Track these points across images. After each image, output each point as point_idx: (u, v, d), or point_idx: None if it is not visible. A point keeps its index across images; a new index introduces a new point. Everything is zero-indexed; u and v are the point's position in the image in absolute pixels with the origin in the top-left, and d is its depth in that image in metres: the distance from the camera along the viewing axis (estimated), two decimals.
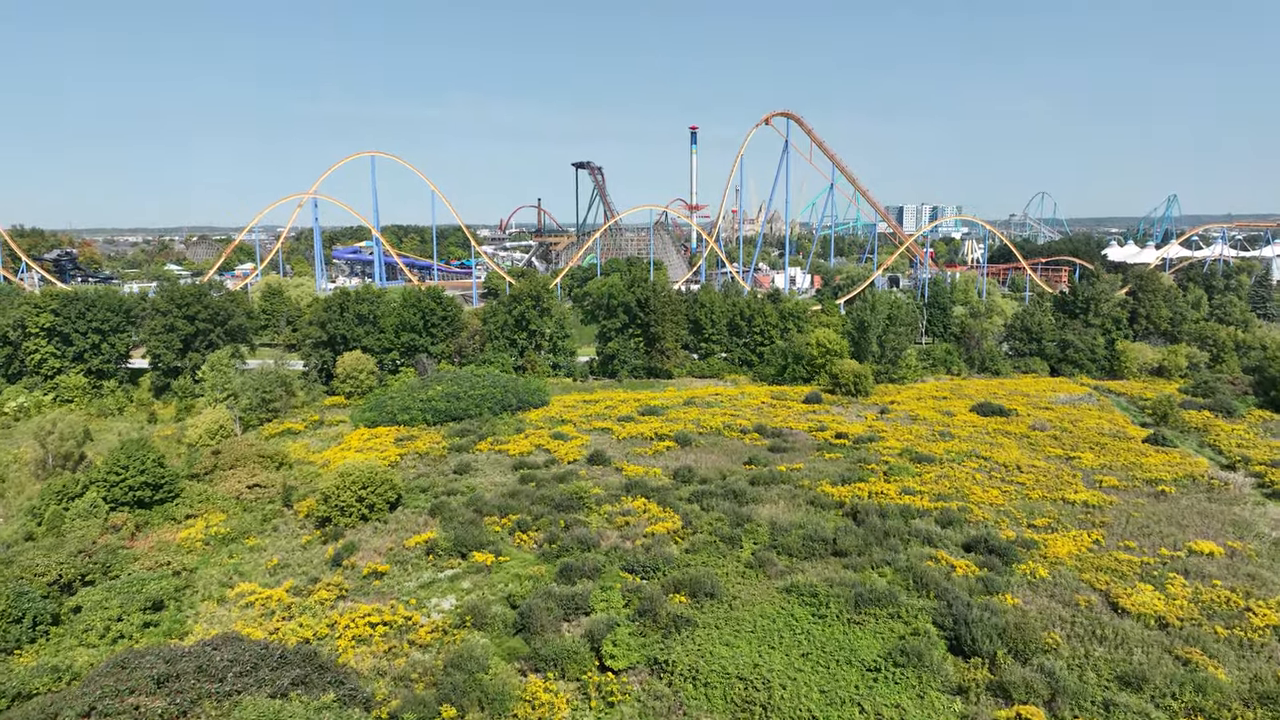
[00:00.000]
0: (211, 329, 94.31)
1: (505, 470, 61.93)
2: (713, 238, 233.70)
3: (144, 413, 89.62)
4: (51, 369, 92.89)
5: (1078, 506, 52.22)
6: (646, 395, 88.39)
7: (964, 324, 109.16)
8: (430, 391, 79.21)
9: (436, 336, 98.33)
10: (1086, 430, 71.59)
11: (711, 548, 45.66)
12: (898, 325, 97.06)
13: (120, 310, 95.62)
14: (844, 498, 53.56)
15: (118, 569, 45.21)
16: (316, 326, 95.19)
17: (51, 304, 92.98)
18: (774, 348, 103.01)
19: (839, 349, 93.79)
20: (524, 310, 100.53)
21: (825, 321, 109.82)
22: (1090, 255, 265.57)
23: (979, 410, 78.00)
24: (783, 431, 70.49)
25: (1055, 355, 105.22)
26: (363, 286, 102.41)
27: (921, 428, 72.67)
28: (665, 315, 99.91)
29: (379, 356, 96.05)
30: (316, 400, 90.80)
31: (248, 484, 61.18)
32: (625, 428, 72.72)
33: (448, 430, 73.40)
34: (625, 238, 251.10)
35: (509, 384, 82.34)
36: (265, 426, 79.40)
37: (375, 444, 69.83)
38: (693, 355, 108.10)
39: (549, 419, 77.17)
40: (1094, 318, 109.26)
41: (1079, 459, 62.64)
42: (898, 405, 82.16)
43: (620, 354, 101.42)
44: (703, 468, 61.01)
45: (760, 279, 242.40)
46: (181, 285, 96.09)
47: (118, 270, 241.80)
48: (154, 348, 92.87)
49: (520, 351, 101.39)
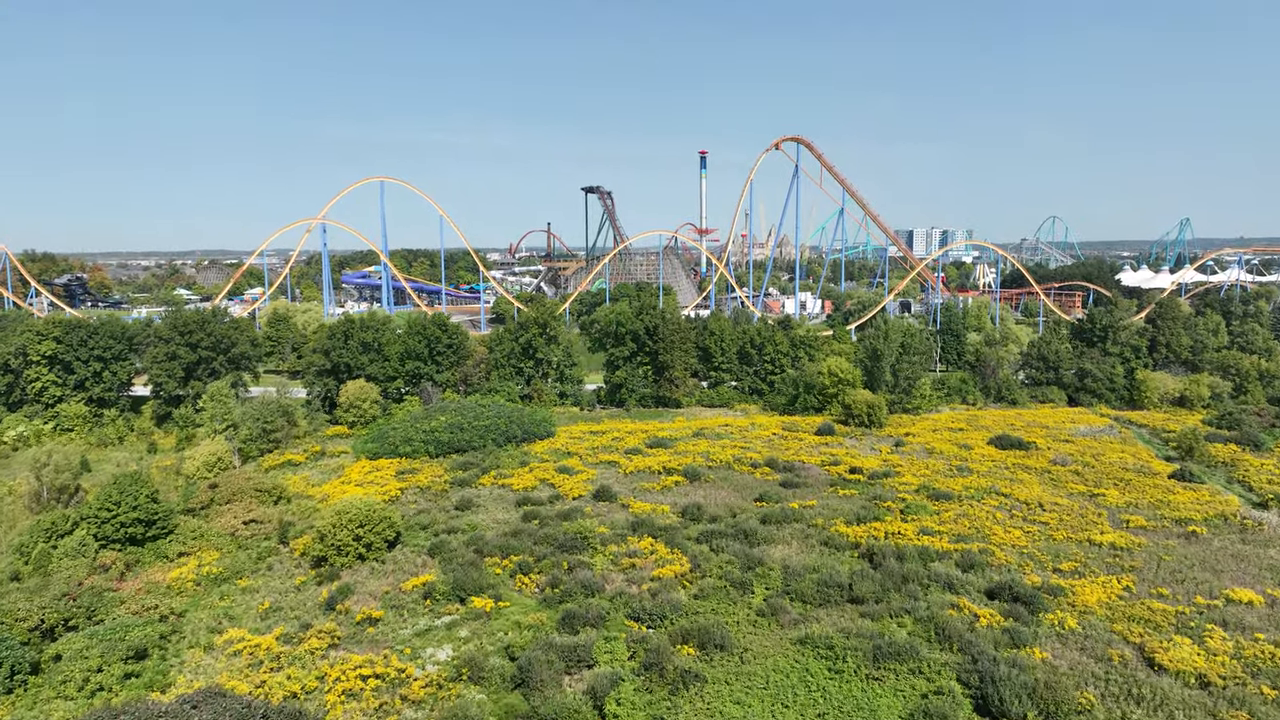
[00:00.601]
0: (214, 357, 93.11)
1: (508, 506, 60.04)
2: (722, 262, 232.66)
3: (144, 442, 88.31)
4: (52, 397, 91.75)
5: (1105, 549, 49.90)
6: (655, 426, 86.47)
7: (979, 352, 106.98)
8: (434, 422, 77.55)
9: (442, 364, 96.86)
10: (1109, 465, 69.21)
11: (721, 593, 43.58)
12: (911, 354, 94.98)
13: (123, 338, 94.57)
14: (859, 538, 51.43)
15: (102, 613, 43.45)
16: (320, 354, 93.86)
17: (54, 331, 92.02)
18: (785, 376, 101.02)
19: (851, 378, 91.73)
20: (531, 338, 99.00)
21: (837, 349, 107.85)
22: (1104, 280, 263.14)
23: (997, 443, 75.73)
24: (795, 466, 68.42)
25: (1073, 384, 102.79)
26: (368, 313, 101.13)
27: (938, 462, 70.47)
28: (674, 343, 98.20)
29: (383, 385, 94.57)
30: (319, 430, 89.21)
31: (244, 519, 59.51)
32: (632, 461, 70.79)
33: (450, 463, 71.64)
34: (635, 262, 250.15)
35: (514, 415, 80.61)
36: (265, 458, 77.83)
37: (376, 477, 68.11)
38: (702, 384, 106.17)
39: (554, 451, 75.33)
40: (1112, 346, 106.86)
41: (1103, 496, 60.30)
42: (913, 437, 79.97)
43: (628, 383, 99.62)
44: (712, 504, 58.99)
45: (770, 304, 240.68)
46: (185, 312, 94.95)
47: (127, 295, 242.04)
48: (156, 376, 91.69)
49: (527, 380, 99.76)
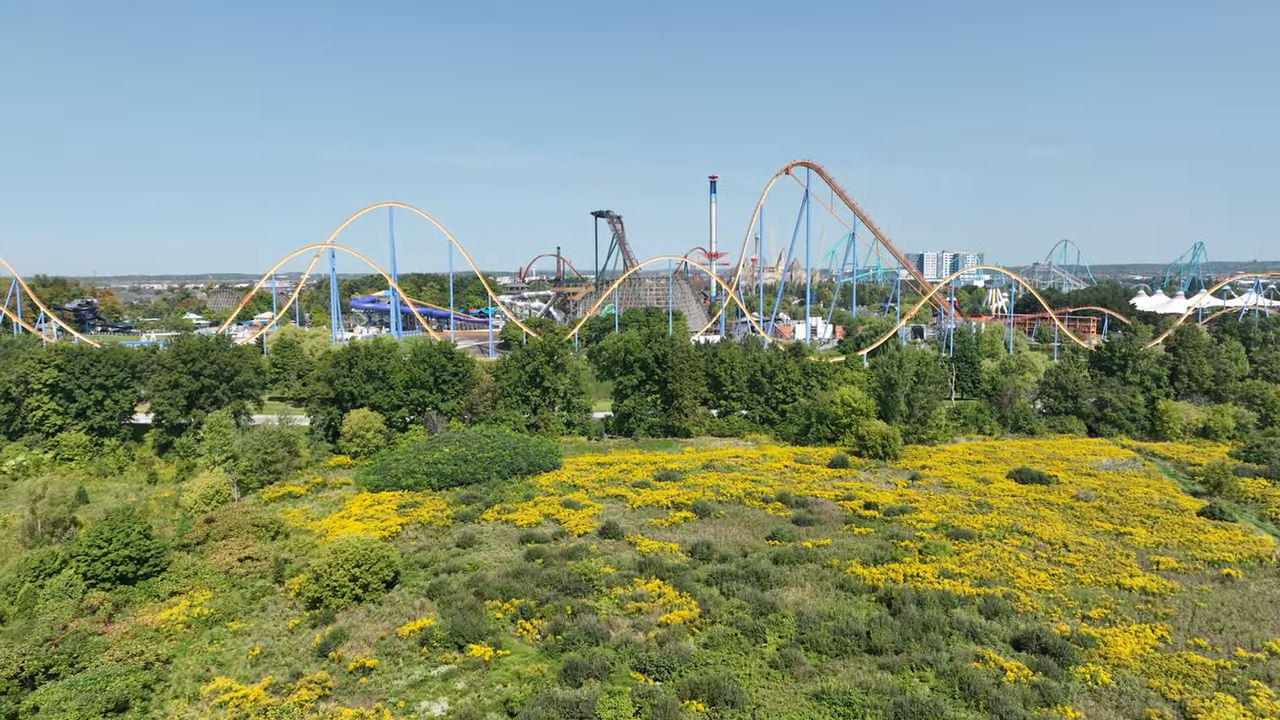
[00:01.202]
0: (217, 385, 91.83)
1: (511, 543, 58.07)
2: (732, 287, 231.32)
3: (144, 472, 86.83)
4: (53, 426, 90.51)
5: (1135, 594, 47.48)
6: (663, 457, 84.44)
7: (995, 381, 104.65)
8: (437, 454, 75.80)
9: (447, 393, 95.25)
10: (1135, 501, 66.70)
11: (732, 642, 41.42)
12: (926, 383, 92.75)
13: (125, 365, 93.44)
14: (877, 580, 49.18)
15: (85, 660, 41.64)
16: (324, 383, 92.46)
17: (56, 359, 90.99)
18: (797, 406, 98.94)
19: (865, 408, 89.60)
20: (538, 366, 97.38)
21: (850, 378, 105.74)
22: (1118, 305, 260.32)
23: (1017, 477, 73.35)
24: (808, 501, 66.22)
25: (1092, 414, 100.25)
26: (373, 341, 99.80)
27: (956, 497, 68.13)
28: (683, 372, 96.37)
29: (387, 414, 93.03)
30: (321, 460, 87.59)
31: (239, 556, 57.76)
32: (640, 495, 68.77)
33: (453, 496, 69.78)
34: (644, 286, 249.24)
35: (519, 446, 78.79)
36: (265, 489, 76.16)
37: (377, 511, 66.29)
38: (711, 412, 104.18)
39: (560, 484, 73.38)
40: (1132, 375, 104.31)
41: (1131, 535, 57.82)
42: (929, 471, 77.64)
43: (637, 411, 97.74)
44: (722, 543, 56.88)
45: (781, 329, 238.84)
46: (188, 339, 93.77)
47: (137, 319, 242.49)
48: (157, 404, 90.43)
49: (534, 409, 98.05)
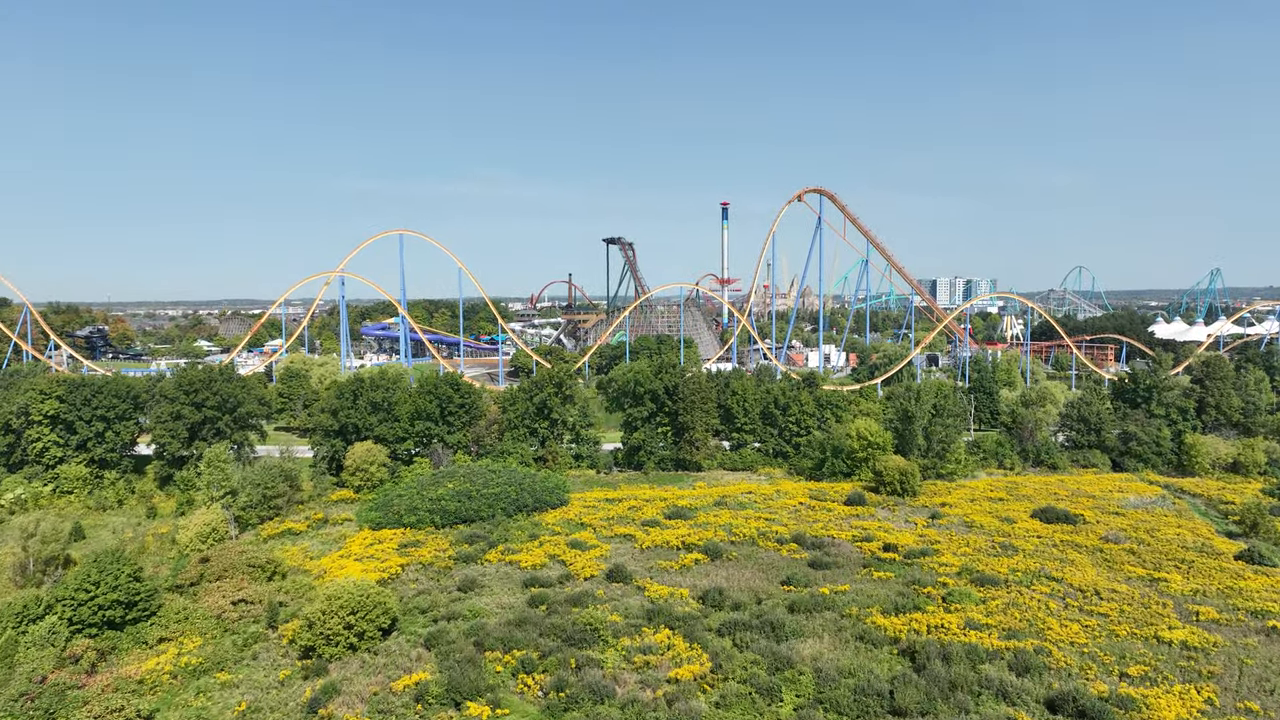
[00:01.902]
0: (219, 416, 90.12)
1: (514, 588, 55.72)
2: (744, 314, 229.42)
3: (144, 506, 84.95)
4: (53, 458, 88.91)
5: (1175, 648, 44.64)
6: (674, 493, 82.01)
7: (1015, 413, 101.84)
8: (440, 490, 73.69)
9: (453, 425, 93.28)
10: (1167, 543, 63.73)
11: (746, 701, 38.85)
12: (945, 416, 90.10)
13: (127, 396, 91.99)
14: (899, 631, 46.55)
15: (62, 716, 39.48)
16: (328, 415, 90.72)
17: (57, 390, 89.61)
18: (811, 439, 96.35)
19: (882, 442, 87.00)
20: (546, 397, 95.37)
21: (865, 409, 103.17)
22: (1136, 333, 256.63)
23: (1042, 516, 70.50)
24: (824, 542, 63.60)
25: (1117, 448, 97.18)
26: (378, 371, 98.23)
27: (979, 538, 65.34)
28: (695, 404, 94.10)
29: (392, 446, 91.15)
30: (324, 494, 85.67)
31: (233, 599, 55.68)
32: (650, 534, 66.35)
33: (456, 535, 67.54)
34: (656, 313, 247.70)
35: (525, 481, 76.59)
36: (265, 526, 74.19)
37: (377, 551, 64.13)
38: (723, 444, 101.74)
39: (567, 522, 71.05)
40: (1157, 407, 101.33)
41: (1166, 582, 54.92)
42: (949, 509, 74.86)
43: (647, 444, 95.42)
44: (735, 588, 54.35)
45: (794, 356, 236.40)
46: (192, 370, 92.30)
47: (148, 346, 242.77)
48: (159, 436, 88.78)
49: (541, 441, 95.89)
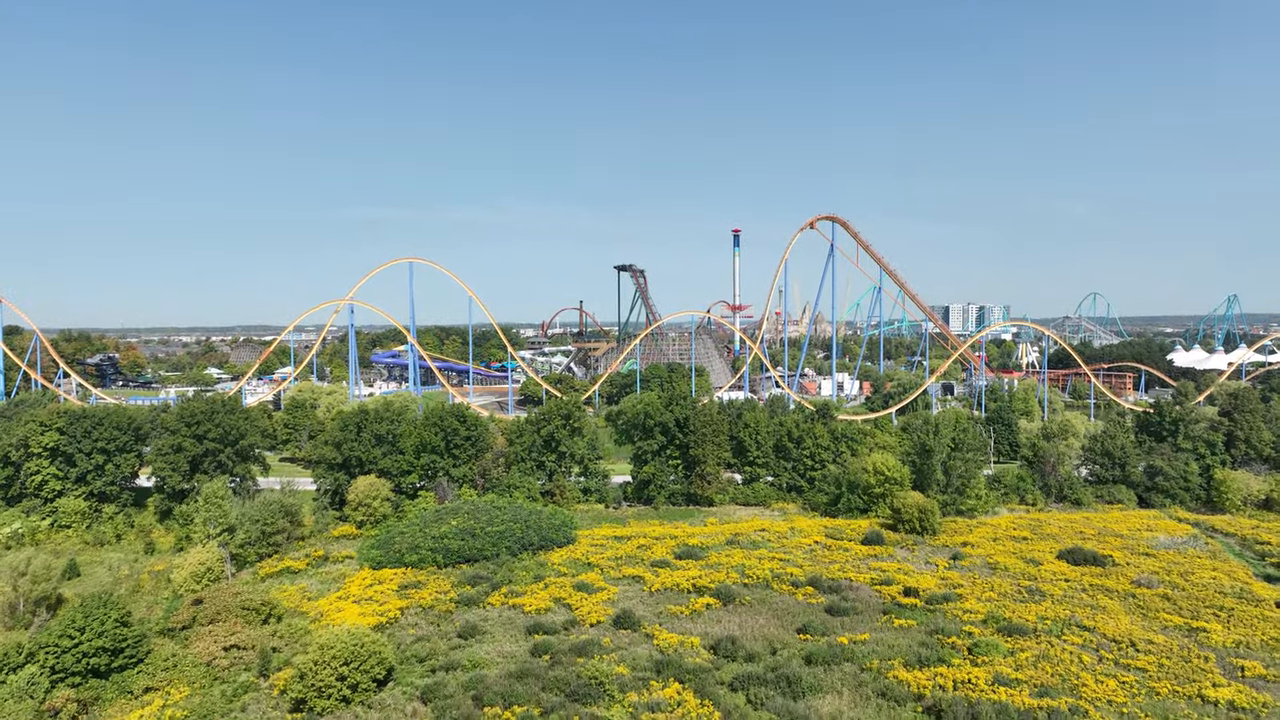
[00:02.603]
0: (221, 449, 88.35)
1: (517, 634, 53.26)
2: (756, 342, 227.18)
3: (142, 541, 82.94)
4: (52, 491, 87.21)
5: (1222, 709, 41.70)
6: (685, 530, 79.45)
7: (1036, 446, 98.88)
8: (444, 527, 71.46)
9: (459, 458, 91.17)
10: (1203, 588, 60.67)
11: None
12: (964, 450, 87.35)
13: (129, 428, 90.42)
14: (923, 687, 43.82)
15: None
16: (331, 447, 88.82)
17: (57, 422, 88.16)
18: (826, 473, 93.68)
19: (899, 477, 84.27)
20: (553, 429, 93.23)
21: (881, 442, 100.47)
22: (1154, 361, 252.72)
23: (1069, 558, 67.52)
24: (841, 585, 60.87)
25: (1143, 483, 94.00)
26: (382, 403, 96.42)
27: (1004, 581, 62.43)
28: (706, 437, 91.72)
29: (396, 479, 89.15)
30: (326, 529, 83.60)
31: (224, 644, 53.55)
32: (659, 576, 63.79)
33: (459, 575, 65.16)
34: (667, 340, 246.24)
35: (531, 519, 74.26)
36: (263, 564, 72.08)
37: (377, 592, 61.87)
38: (736, 478, 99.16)
39: (574, 562, 68.59)
40: (1184, 441, 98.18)
41: (1206, 632, 51.93)
42: (971, 548, 71.96)
43: (657, 478, 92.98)
44: (748, 636, 51.73)
45: (806, 385, 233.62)
46: (193, 402, 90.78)
47: (158, 374, 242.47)
48: (159, 469, 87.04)
49: (549, 475, 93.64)
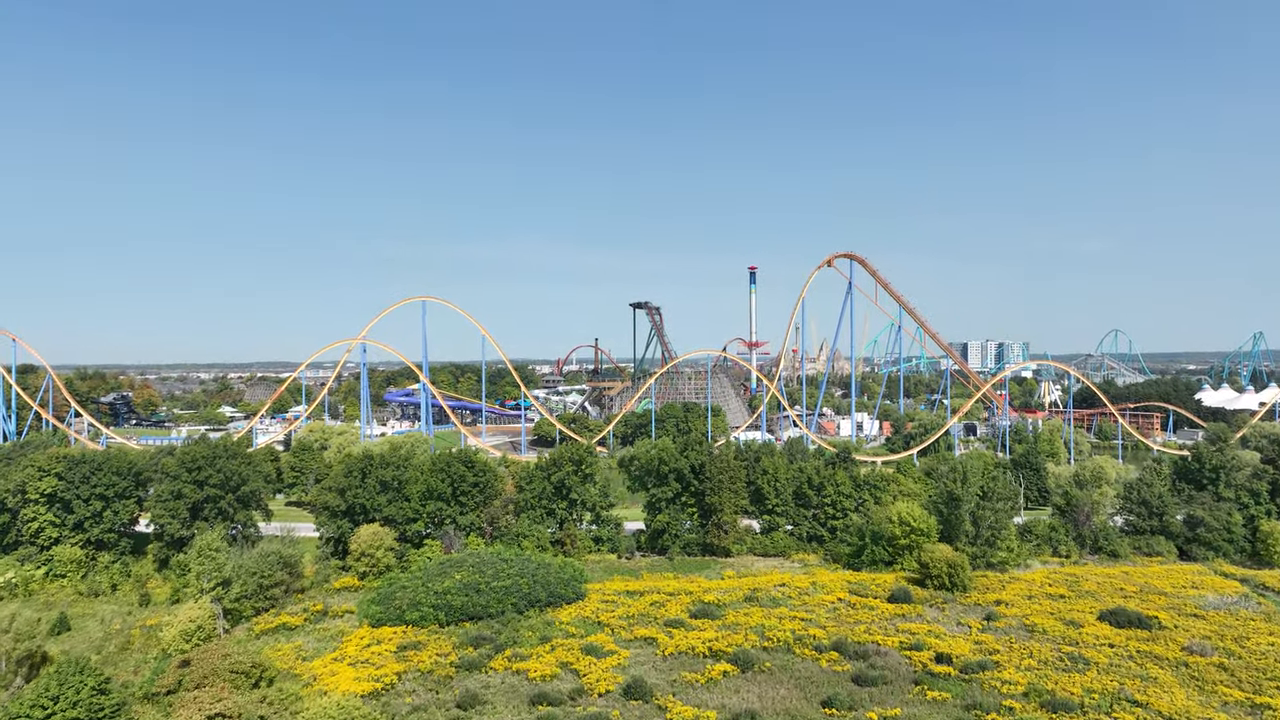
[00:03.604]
0: (222, 495, 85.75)
1: (520, 704, 49.67)
2: (774, 380, 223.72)
3: (137, 592, 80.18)
4: (48, 539, 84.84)
5: None
6: (700, 584, 75.66)
7: (1069, 494, 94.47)
8: (447, 581, 68.13)
9: (466, 505, 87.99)
10: (1262, 656, 56.19)
11: None
12: (994, 499, 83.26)
13: (128, 473, 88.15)
14: None
15: None
16: (335, 494, 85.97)
17: (56, 467, 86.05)
18: (848, 522, 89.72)
19: (926, 528, 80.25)
20: (564, 476, 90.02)
21: (906, 489, 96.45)
22: (1181, 400, 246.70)
23: (1112, 619, 63.18)
24: (868, 651, 56.87)
25: (1183, 534, 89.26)
26: (389, 448, 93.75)
27: (1043, 646, 58.20)
28: (723, 484, 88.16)
29: (402, 527, 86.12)
30: (327, 580, 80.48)
31: (209, 713, 50.39)
32: (674, 637, 60.07)
33: (461, 635, 61.67)
34: (683, 378, 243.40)
35: (539, 573, 70.79)
36: (259, 619, 68.94)
37: (374, 654, 58.52)
38: (753, 526, 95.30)
39: (583, 620, 64.94)
40: (1225, 489, 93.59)
41: (1272, 710, 47.55)
42: (1005, 608, 67.68)
43: (671, 527, 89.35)
44: (768, 710, 47.91)
45: (825, 425, 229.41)
46: (196, 445, 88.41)
47: (172, 412, 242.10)
48: (158, 516, 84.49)
49: (559, 523, 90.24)
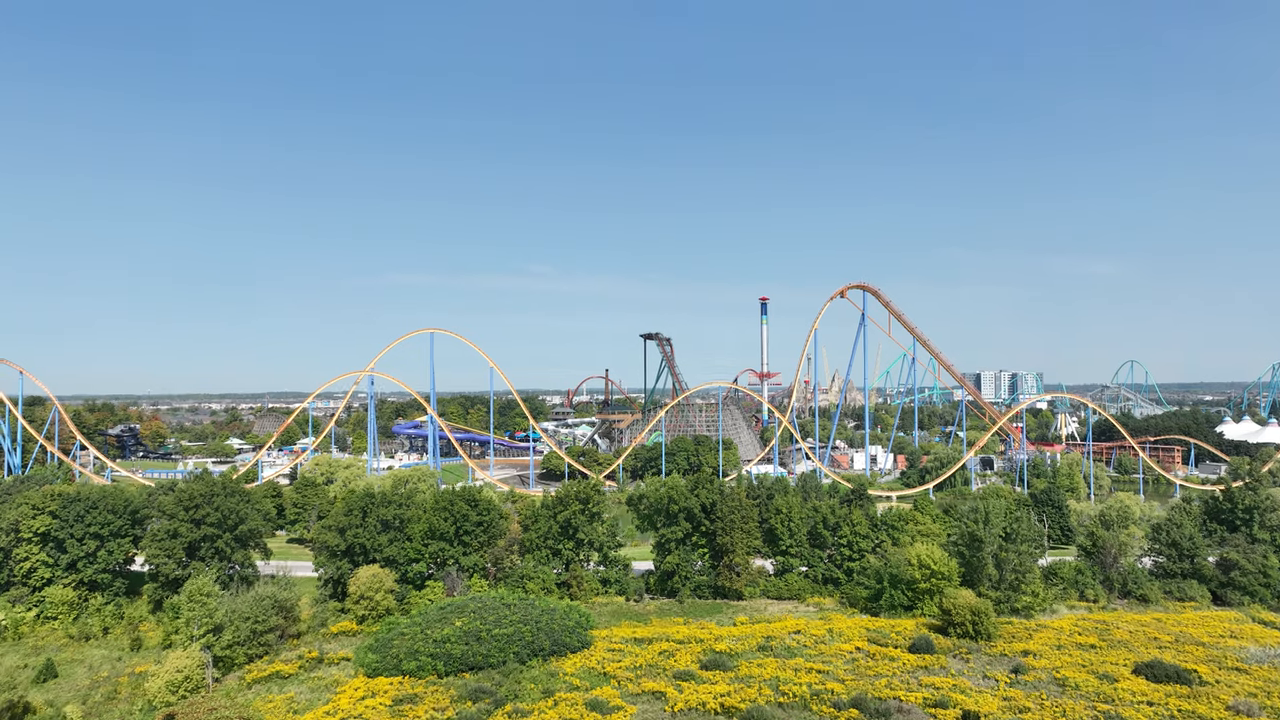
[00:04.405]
0: (219, 534, 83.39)
1: None
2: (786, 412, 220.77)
3: (128, 637, 77.51)
4: (41, 579, 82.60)
5: None
6: (712, 631, 72.45)
7: (1095, 535, 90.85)
8: (447, 629, 65.30)
9: (469, 545, 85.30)
10: None
11: None
12: (1018, 541, 79.90)
13: (124, 511, 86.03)
14: None
15: None
16: (334, 533, 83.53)
17: (50, 505, 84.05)
18: (865, 564, 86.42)
19: (947, 571, 76.93)
20: (570, 515, 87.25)
21: (925, 529, 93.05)
22: (1203, 434, 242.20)
23: (1148, 673, 59.56)
24: (889, 708, 53.51)
25: (1216, 578, 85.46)
26: (391, 486, 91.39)
27: (1077, 705, 54.69)
28: (735, 524, 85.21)
29: (403, 568, 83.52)
30: (325, 623, 77.80)
31: None
32: (683, 691, 56.91)
33: (460, 688, 58.65)
34: (694, 409, 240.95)
35: (543, 619, 67.87)
36: (252, 666, 66.26)
37: (369, 706, 55.64)
38: (766, 566, 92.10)
39: (588, 671, 61.86)
40: (1260, 530, 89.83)
41: None
42: (1034, 659, 64.14)
43: (682, 569, 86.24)
44: None
45: (838, 458, 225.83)
46: (191, 484, 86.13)
47: (179, 444, 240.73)
48: (153, 556, 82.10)
49: (566, 564, 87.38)
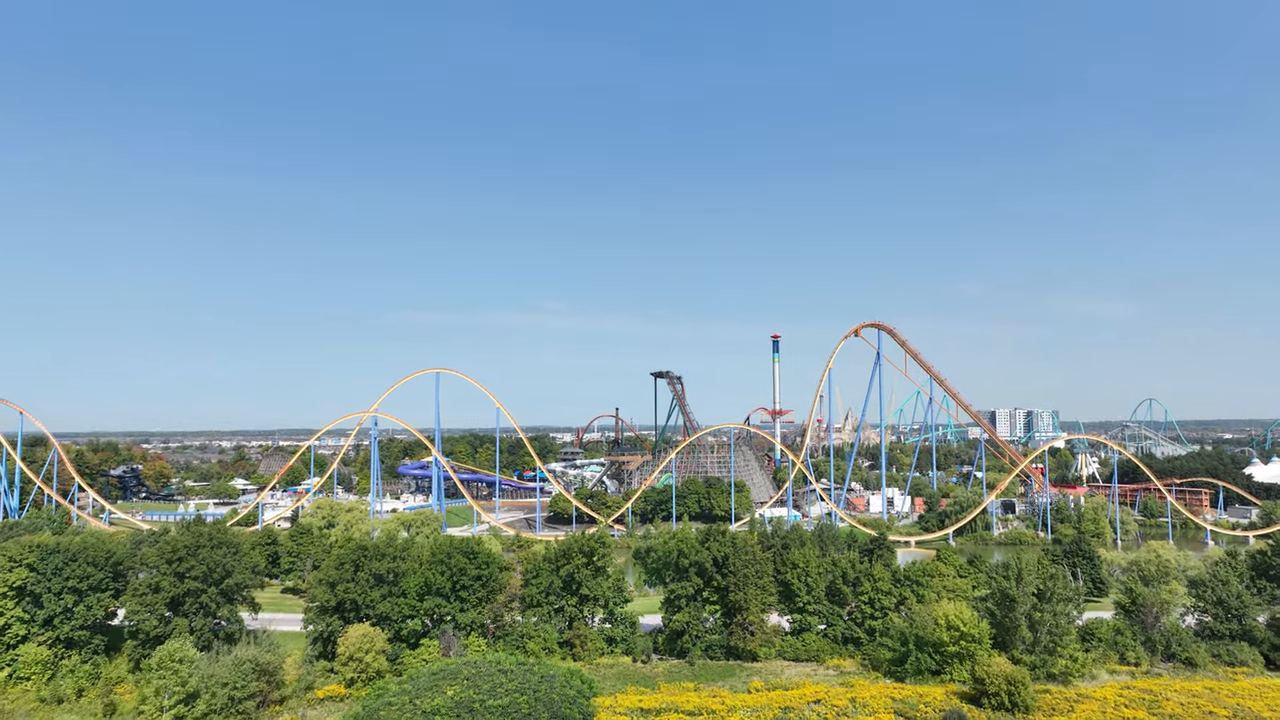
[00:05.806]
0: (204, 589, 78.94)
1: None
2: (799, 453, 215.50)
3: (102, 700, 72.69)
4: (15, 636, 78.15)
5: None
6: (725, 700, 67.06)
7: (1135, 592, 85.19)
8: (438, 699, 60.22)
9: (467, 602, 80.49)
10: None
11: None
12: (1054, 600, 74.50)
13: (106, 564, 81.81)
14: None
15: None
16: (325, 588, 78.89)
17: (28, 557, 79.96)
18: (888, 622, 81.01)
19: (977, 634, 71.42)
20: (574, 569, 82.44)
21: (951, 585, 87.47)
22: (1231, 476, 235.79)
23: None
24: None
25: (1268, 640, 79.65)
26: (385, 538, 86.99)
27: None
28: (748, 578, 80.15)
29: (397, 625, 78.80)
30: (311, 686, 72.91)
31: None
32: None
33: None
34: (705, 448, 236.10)
35: (541, 688, 62.72)
36: None
37: None
38: (782, 624, 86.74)
39: None
40: None
41: None
42: None
43: (692, 628, 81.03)
44: None
45: (854, 500, 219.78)
46: (178, 534, 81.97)
47: (182, 484, 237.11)
48: (133, 612, 77.73)
49: (569, 621, 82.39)
